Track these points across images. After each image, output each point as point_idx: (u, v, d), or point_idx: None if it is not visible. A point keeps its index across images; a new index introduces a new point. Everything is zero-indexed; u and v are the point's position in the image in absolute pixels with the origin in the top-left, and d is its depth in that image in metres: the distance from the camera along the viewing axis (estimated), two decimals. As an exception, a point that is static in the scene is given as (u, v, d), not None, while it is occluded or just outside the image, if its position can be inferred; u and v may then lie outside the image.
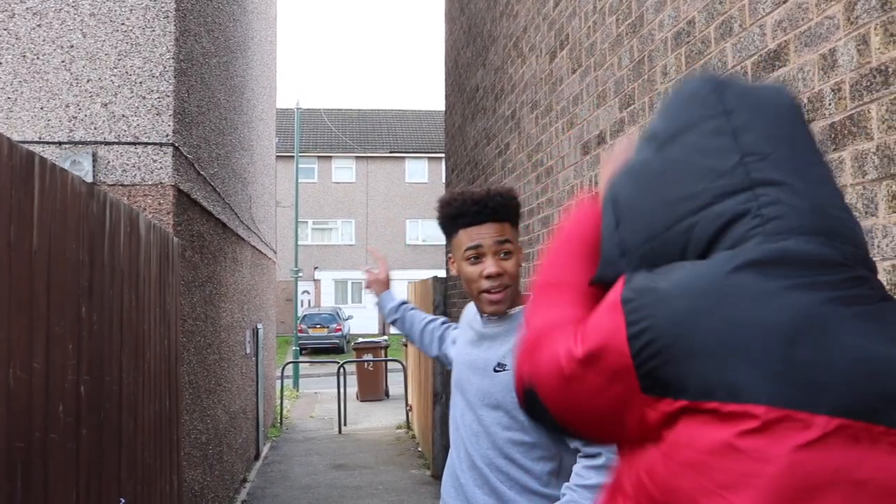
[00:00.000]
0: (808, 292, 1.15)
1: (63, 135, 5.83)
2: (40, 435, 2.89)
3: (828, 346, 1.10)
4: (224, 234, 8.46)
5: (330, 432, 14.65)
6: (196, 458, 6.82)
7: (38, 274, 2.89)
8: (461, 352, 2.87)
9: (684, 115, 1.34)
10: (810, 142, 1.30)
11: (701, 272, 1.20)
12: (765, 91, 1.33)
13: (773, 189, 1.23)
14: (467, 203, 2.64)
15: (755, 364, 1.10)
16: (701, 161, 1.29)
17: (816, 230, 1.21)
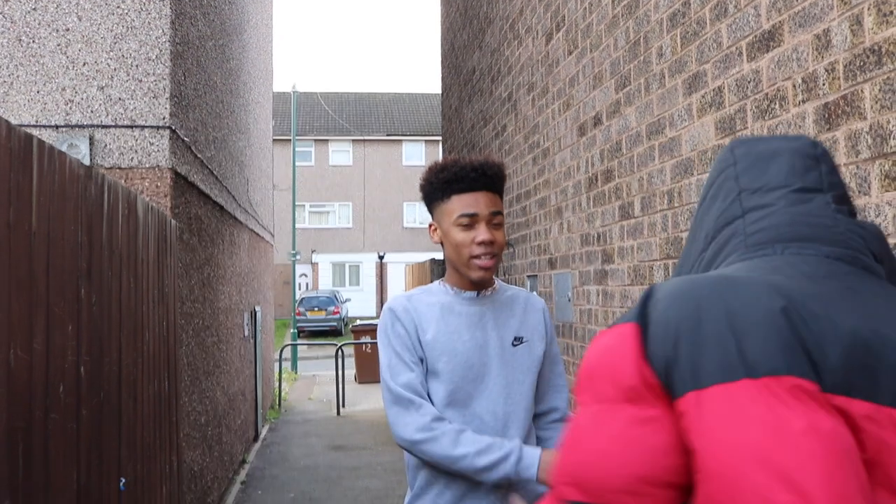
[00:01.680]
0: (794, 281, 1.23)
1: (60, 118, 5.83)
2: (41, 415, 2.91)
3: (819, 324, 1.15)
4: (221, 216, 8.47)
5: (328, 414, 14.70)
6: (195, 439, 6.85)
7: (37, 255, 2.91)
8: (453, 339, 2.65)
9: (712, 175, 1.53)
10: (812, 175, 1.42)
11: (689, 278, 1.28)
12: (776, 140, 1.49)
13: (758, 212, 1.39)
14: (465, 169, 2.61)
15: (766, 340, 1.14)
16: (714, 205, 1.48)
17: (793, 238, 1.33)
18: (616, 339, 1.24)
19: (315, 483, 9.39)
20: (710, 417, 1.10)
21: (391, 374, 2.64)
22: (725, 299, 1.18)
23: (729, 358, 1.12)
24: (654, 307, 1.22)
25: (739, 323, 1.14)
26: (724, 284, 1.21)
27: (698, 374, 1.13)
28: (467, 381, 2.61)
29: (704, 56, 3.53)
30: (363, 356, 19.09)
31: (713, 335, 1.15)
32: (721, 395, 1.11)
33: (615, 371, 1.21)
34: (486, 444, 2.49)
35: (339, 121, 44.22)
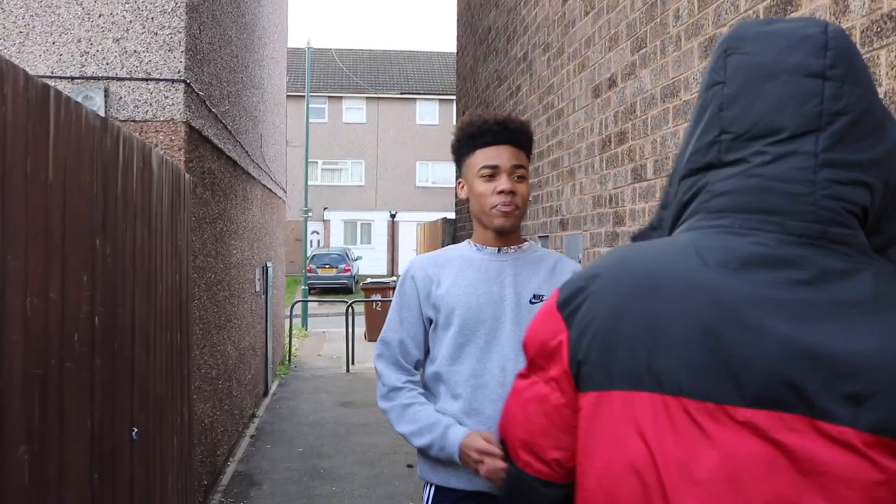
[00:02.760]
0: (731, 278, 1.17)
1: (75, 70, 5.84)
2: (56, 363, 2.95)
3: (747, 337, 1.13)
4: (235, 171, 8.49)
5: (338, 371, 14.81)
6: (206, 392, 6.93)
7: (53, 206, 2.94)
8: (468, 292, 2.69)
9: (704, 83, 1.36)
10: (809, 107, 1.21)
11: (634, 263, 1.27)
12: (772, 48, 1.25)
13: (730, 169, 1.25)
14: (489, 123, 2.68)
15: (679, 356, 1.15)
16: (695, 130, 1.33)
17: (755, 209, 1.21)
18: (546, 313, 1.37)
19: (323, 438, 9.49)
20: (605, 421, 1.18)
21: (385, 327, 2.87)
22: (649, 303, 1.19)
23: (637, 366, 1.16)
24: (587, 299, 1.28)
25: (658, 333, 1.16)
26: (653, 283, 1.20)
27: (608, 375, 1.20)
28: (479, 335, 2.66)
29: (721, 19, 3.52)
30: (373, 314, 19.18)
31: (628, 340, 1.19)
32: (620, 401, 1.17)
33: (538, 347, 1.37)
34: (420, 427, 2.64)
35: (354, 78, 44.05)
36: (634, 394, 1.15)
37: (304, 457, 8.66)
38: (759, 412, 1.10)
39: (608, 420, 1.17)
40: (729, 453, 1.09)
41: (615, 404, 1.16)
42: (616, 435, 1.16)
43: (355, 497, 7.31)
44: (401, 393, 2.74)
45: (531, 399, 1.36)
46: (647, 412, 1.13)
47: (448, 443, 2.55)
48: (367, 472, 8.10)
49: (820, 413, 1.10)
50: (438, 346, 2.72)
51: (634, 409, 1.14)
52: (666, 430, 1.11)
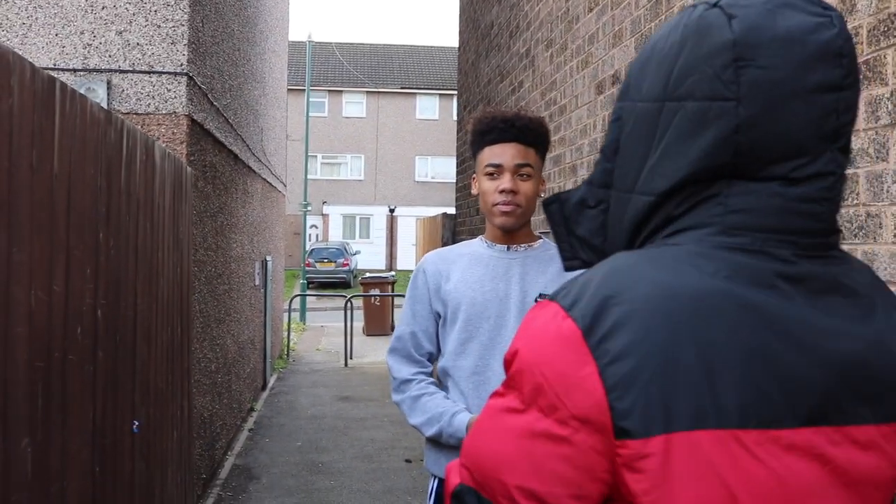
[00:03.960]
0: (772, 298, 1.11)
1: (78, 62, 5.83)
2: (59, 355, 2.96)
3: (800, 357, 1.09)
4: (236, 165, 8.48)
5: (336, 365, 14.82)
6: (205, 385, 6.93)
7: (58, 198, 2.94)
8: (474, 288, 2.72)
9: (697, 75, 1.17)
10: (829, 122, 1.14)
11: (672, 286, 1.10)
12: (792, 62, 1.13)
13: (751, 184, 1.15)
14: (496, 121, 2.69)
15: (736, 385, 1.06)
16: (693, 145, 1.17)
17: (777, 229, 1.14)
18: (557, 336, 1.11)
19: (322, 432, 9.49)
20: (678, 467, 1.03)
21: (399, 321, 2.89)
22: (703, 332, 1.06)
23: (702, 402, 1.04)
24: (621, 321, 1.07)
25: (715, 362, 1.05)
26: (702, 310, 1.07)
27: (669, 417, 1.03)
28: (483, 332, 2.68)
29: (727, 17, 3.52)
30: (372, 309, 19.19)
31: (686, 374, 1.04)
32: (691, 442, 1.04)
33: (546, 378, 1.10)
34: (429, 417, 2.68)
35: (354, 72, 44.02)
36: (704, 433, 1.04)
37: (302, 451, 8.66)
38: (808, 430, 1.08)
39: (681, 465, 1.04)
40: (795, 480, 1.06)
41: (684, 447, 1.04)
42: (693, 483, 1.04)
43: (354, 491, 7.32)
44: (411, 385, 2.78)
45: (538, 439, 1.10)
46: (720, 450, 1.04)
47: (455, 429, 2.59)
48: (365, 466, 8.10)
49: (851, 417, 1.10)
50: (446, 341, 2.76)
51: (707, 450, 1.04)
52: (745, 466, 1.04)
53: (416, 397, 2.74)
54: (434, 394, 2.72)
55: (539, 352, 1.12)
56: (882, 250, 2.55)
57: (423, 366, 2.81)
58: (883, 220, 2.54)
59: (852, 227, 2.68)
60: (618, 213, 1.27)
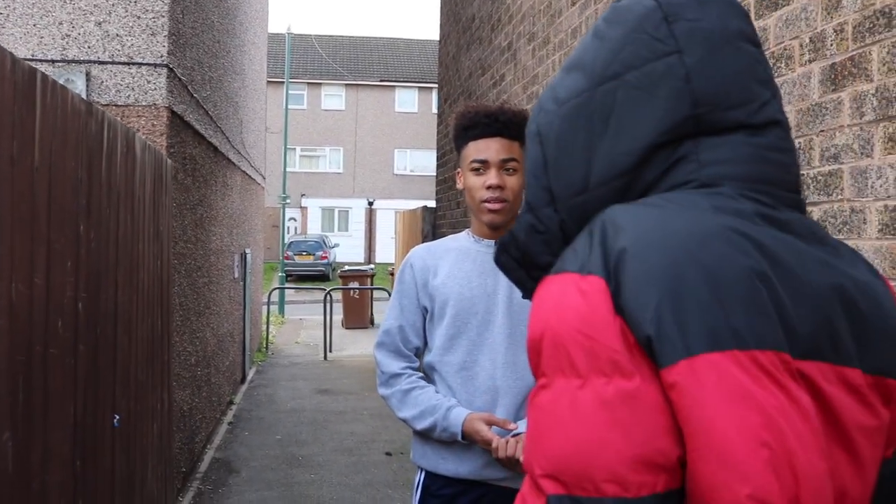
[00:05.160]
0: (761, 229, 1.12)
1: (56, 53, 5.78)
2: (40, 349, 2.93)
3: (795, 285, 1.09)
4: (215, 157, 8.44)
5: (315, 358, 14.78)
6: (185, 378, 6.90)
7: (39, 190, 2.91)
8: (461, 283, 2.72)
9: (630, 47, 1.21)
10: (760, 69, 1.21)
11: (665, 222, 1.09)
12: (712, 14, 1.21)
13: (715, 138, 1.17)
14: (479, 115, 2.68)
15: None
16: (649, 111, 1.18)
17: (751, 178, 1.16)
18: (581, 295, 1.08)
19: (301, 426, 9.47)
20: (708, 389, 0.99)
21: (385, 316, 2.87)
22: (701, 257, 1.05)
23: (717, 324, 1.01)
24: (623, 259, 1.06)
25: (720, 287, 1.03)
26: (695, 235, 1.07)
27: (688, 341, 1.01)
28: (471, 327, 2.68)
29: (711, 12, 3.53)
30: (351, 301, 19.17)
31: (696, 299, 1.02)
32: (713, 365, 1.00)
33: (591, 337, 1.05)
34: (421, 410, 2.67)
35: (333, 64, 43.87)
36: (723, 354, 1.00)
37: (282, 444, 8.64)
38: (808, 363, 1.06)
39: (712, 388, 0.99)
40: (805, 409, 1.03)
41: (710, 369, 1.00)
42: (729, 405, 0.99)
43: (334, 484, 7.31)
44: (400, 379, 2.76)
45: (616, 402, 1.02)
46: (743, 371, 1.00)
47: (451, 423, 2.59)
48: (345, 459, 8.09)
49: (844, 358, 1.10)
50: (433, 337, 2.75)
51: (733, 370, 1.00)
52: (768, 387, 1.00)
53: (406, 391, 2.73)
54: (425, 388, 2.72)
55: (573, 318, 1.07)
56: (866, 245, 2.56)
57: (411, 360, 2.81)
58: (867, 216, 2.56)
59: (836, 222, 2.69)
60: (576, 218, 1.24)
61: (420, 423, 2.67)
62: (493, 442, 2.46)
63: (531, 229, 1.29)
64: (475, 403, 2.62)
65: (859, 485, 1.10)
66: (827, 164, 2.75)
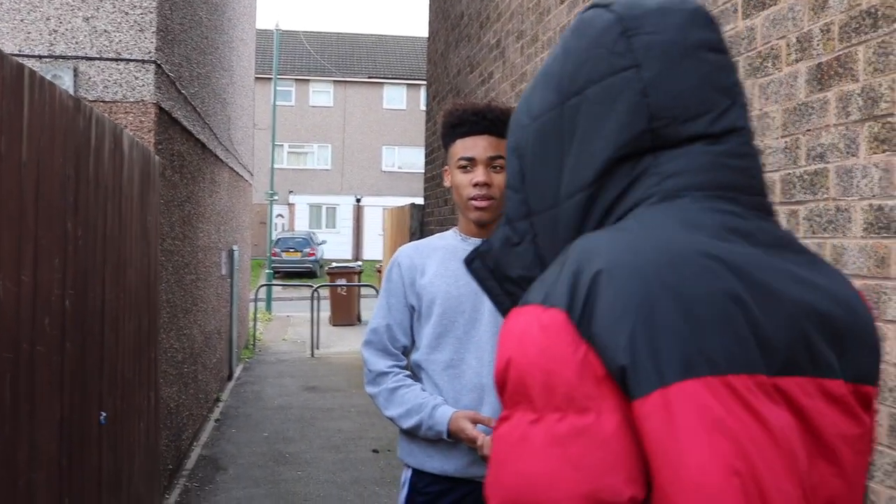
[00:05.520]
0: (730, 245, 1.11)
1: (43, 48, 5.75)
2: (28, 347, 2.92)
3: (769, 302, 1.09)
4: (203, 154, 8.42)
5: (302, 355, 14.77)
6: (172, 375, 6.88)
7: (27, 187, 2.90)
8: (449, 282, 2.72)
9: (590, 62, 1.22)
10: (723, 77, 1.21)
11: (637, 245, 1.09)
12: (672, 26, 1.21)
13: (673, 150, 1.17)
14: (467, 113, 2.69)
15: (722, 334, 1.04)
16: (608, 125, 1.19)
17: (712, 185, 1.16)
18: (541, 329, 1.07)
19: (288, 423, 9.46)
20: (682, 419, 0.99)
21: (373, 315, 2.86)
22: (673, 282, 1.04)
23: (690, 351, 1.01)
24: (596, 287, 1.05)
25: (693, 312, 1.02)
26: (666, 260, 1.06)
27: (662, 370, 1.00)
28: (458, 326, 2.69)
29: (699, 11, 3.54)
30: (338, 299, 19.15)
31: (669, 326, 1.01)
32: (686, 394, 1.00)
33: (548, 372, 1.05)
34: (407, 409, 2.68)
35: (321, 61, 43.81)
36: (697, 381, 1.00)
37: (269, 441, 8.63)
38: (785, 379, 1.07)
39: (686, 419, 0.99)
40: (780, 430, 1.03)
41: (684, 399, 1.00)
42: (703, 435, 0.99)
43: (321, 482, 7.31)
44: (387, 377, 2.77)
45: (568, 438, 1.02)
46: (717, 399, 1.00)
47: (436, 422, 2.60)
48: (332, 456, 8.09)
49: (824, 370, 1.10)
50: (420, 335, 2.76)
51: (706, 398, 1.00)
52: (740, 414, 1.01)
53: (392, 389, 2.74)
54: (411, 386, 2.73)
55: (533, 350, 1.07)
56: (851, 244, 2.58)
57: (398, 359, 2.81)
58: (852, 215, 2.57)
59: (822, 220, 2.71)
60: (549, 232, 1.25)
61: (406, 422, 2.68)
62: (478, 440, 2.47)
63: (507, 241, 1.31)
64: (462, 401, 2.63)
65: (847, 494, 1.11)
66: (813, 163, 2.76)
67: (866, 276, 2.52)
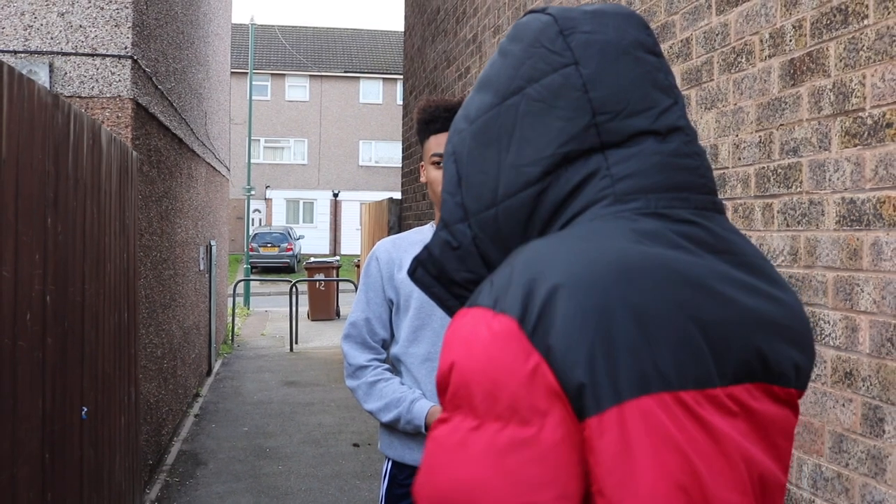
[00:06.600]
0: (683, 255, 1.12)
1: (18, 44, 5.73)
2: (9, 342, 2.93)
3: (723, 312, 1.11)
4: (180, 149, 8.41)
5: (281, 350, 14.77)
6: (151, 371, 6.88)
7: (6, 183, 2.90)
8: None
9: (529, 62, 1.24)
10: (661, 77, 1.24)
11: (593, 256, 1.08)
12: (608, 26, 1.23)
13: (622, 151, 1.17)
14: (439, 110, 2.71)
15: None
16: (550, 122, 1.20)
17: (665, 188, 1.17)
18: (490, 335, 1.05)
19: (268, 418, 9.47)
20: (634, 435, 1.00)
21: (352, 308, 2.89)
22: (629, 296, 1.04)
23: (645, 367, 1.02)
24: (553, 300, 1.03)
25: (648, 327, 1.04)
26: (624, 274, 1.06)
27: (618, 387, 1.01)
28: (435, 319, 2.73)
29: (673, 7, 3.58)
30: (316, 293, 19.14)
31: (626, 341, 1.02)
32: (640, 411, 1.01)
33: (494, 380, 1.03)
34: (386, 403, 2.72)
35: (297, 56, 43.67)
36: (650, 398, 1.01)
37: (249, 436, 8.64)
38: (737, 388, 1.10)
39: (639, 437, 1.01)
40: (729, 441, 1.07)
41: (637, 417, 1.01)
42: (654, 454, 1.01)
43: (302, 476, 7.33)
44: (366, 371, 2.80)
45: (505, 449, 1.01)
46: (669, 415, 1.02)
47: (414, 416, 2.64)
48: (313, 451, 8.11)
49: (777, 377, 1.14)
50: (398, 329, 2.79)
51: (658, 416, 1.02)
52: (689, 430, 1.03)
53: (371, 383, 2.78)
54: (390, 380, 2.76)
55: (479, 357, 1.05)
56: (824, 237, 2.63)
57: (377, 352, 2.84)
58: (825, 208, 2.62)
59: (795, 213, 2.76)
60: (491, 233, 1.25)
61: (385, 416, 2.72)
62: None
63: (446, 245, 1.30)
64: None
65: (784, 481, 1.18)
66: (786, 157, 2.81)
67: (839, 268, 2.57)
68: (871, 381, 2.44)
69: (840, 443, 2.57)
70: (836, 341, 2.58)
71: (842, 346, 2.56)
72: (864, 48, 2.47)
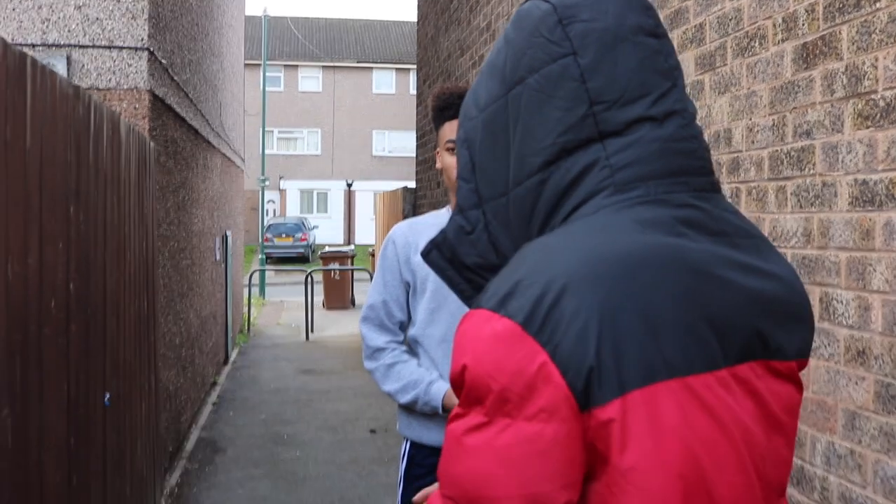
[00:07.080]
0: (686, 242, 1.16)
1: (36, 37, 5.79)
2: (35, 329, 2.99)
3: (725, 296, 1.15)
4: (196, 140, 8.46)
5: (297, 339, 14.84)
6: (170, 359, 6.95)
7: (31, 173, 2.96)
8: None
9: (530, 51, 1.25)
10: (661, 60, 1.25)
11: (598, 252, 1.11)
12: (608, 13, 1.24)
13: (620, 140, 1.19)
14: (453, 96, 2.74)
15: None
16: (549, 112, 1.22)
17: (664, 174, 1.20)
18: (493, 336, 1.10)
19: (286, 405, 9.54)
20: (638, 425, 1.05)
21: (370, 291, 2.94)
22: (634, 288, 1.08)
23: (651, 357, 1.07)
24: (560, 298, 1.07)
25: (653, 317, 1.08)
26: (628, 269, 1.09)
27: (623, 378, 1.05)
28: (451, 301, 2.76)
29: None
30: (331, 283, 19.21)
31: (631, 333, 1.06)
32: (645, 400, 1.06)
33: (500, 379, 1.08)
34: (404, 384, 2.77)
35: (310, 46, 43.70)
36: (657, 387, 1.06)
37: (266, 423, 8.71)
38: (741, 367, 1.14)
39: (638, 427, 1.05)
40: (735, 423, 1.11)
41: (640, 406, 1.05)
42: (651, 439, 1.06)
43: (319, 462, 7.39)
44: (384, 353, 2.85)
45: (512, 444, 1.08)
46: (673, 403, 1.06)
47: (431, 397, 2.69)
48: (330, 437, 8.18)
49: (774, 352, 1.18)
50: (415, 311, 2.84)
51: (662, 405, 1.06)
52: (695, 416, 1.07)
53: (389, 365, 2.82)
54: (407, 361, 2.81)
55: (486, 359, 1.10)
56: (837, 218, 2.66)
57: (395, 334, 2.89)
58: (838, 189, 2.65)
59: (809, 195, 2.79)
60: (502, 220, 1.29)
61: (403, 397, 2.77)
62: None
63: (460, 230, 1.35)
64: None
65: (790, 456, 1.22)
66: (800, 139, 2.84)
67: (852, 248, 2.60)
68: (884, 359, 2.47)
69: (853, 420, 2.61)
70: (849, 320, 2.61)
71: (854, 325, 2.59)
72: (876, 31, 2.49)
